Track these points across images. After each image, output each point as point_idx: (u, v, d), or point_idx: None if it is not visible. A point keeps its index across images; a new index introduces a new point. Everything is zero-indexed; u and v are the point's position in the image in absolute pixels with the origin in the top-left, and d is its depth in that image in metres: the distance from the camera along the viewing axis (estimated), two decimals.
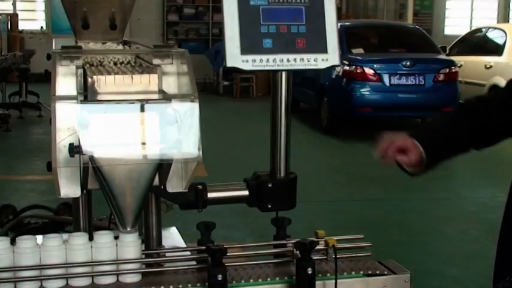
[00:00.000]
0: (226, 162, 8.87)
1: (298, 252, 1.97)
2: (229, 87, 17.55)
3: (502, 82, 11.76)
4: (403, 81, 11.19)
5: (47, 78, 1.96)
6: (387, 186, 8.28)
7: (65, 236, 1.96)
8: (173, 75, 2.02)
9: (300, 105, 13.64)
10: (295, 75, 2.23)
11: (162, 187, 2.02)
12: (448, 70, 11.40)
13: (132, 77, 1.86)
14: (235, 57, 2.03)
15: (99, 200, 2.25)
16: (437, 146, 2.17)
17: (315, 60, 2.09)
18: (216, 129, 11.17)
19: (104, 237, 1.94)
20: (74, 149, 1.75)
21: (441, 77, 11.30)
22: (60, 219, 3.80)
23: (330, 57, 2.10)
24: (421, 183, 8.48)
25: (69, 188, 1.91)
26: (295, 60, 2.08)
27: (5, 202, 4.27)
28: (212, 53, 17.39)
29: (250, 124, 12.27)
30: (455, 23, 20.85)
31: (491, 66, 12.34)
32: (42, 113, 13.01)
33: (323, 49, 2.09)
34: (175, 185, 2.03)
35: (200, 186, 2.14)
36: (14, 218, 3.89)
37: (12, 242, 1.92)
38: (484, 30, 13.71)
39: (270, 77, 2.20)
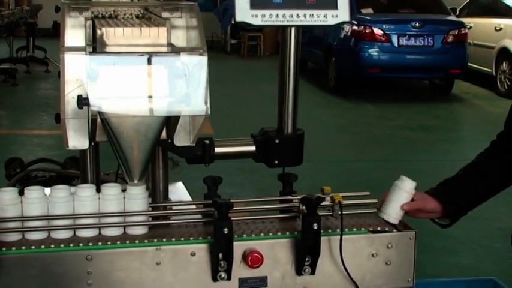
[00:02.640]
0: (233, 121, 8.87)
1: (304, 207, 1.97)
2: (237, 46, 17.47)
3: None
4: (412, 42, 11.12)
5: (55, 30, 1.96)
6: (393, 147, 8.28)
7: (73, 189, 1.97)
8: (182, 28, 2.01)
9: (307, 65, 13.59)
10: (302, 34, 2.21)
11: (170, 141, 2.03)
12: (457, 32, 11.32)
13: (141, 29, 1.85)
14: (244, 11, 2.01)
15: (106, 155, 2.26)
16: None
17: (324, 16, 2.07)
18: (223, 87, 11.15)
19: (111, 189, 1.95)
20: (82, 101, 1.75)
21: (450, 39, 11.22)
22: (68, 173, 3.81)
23: (340, 14, 2.08)
24: (428, 145, 8.50)
25: (77, 140, 1.91)
26: (304, 16, 2.06)
27: (12, 155, 4.28)
28: (220, 11, 17.11)
29: (258, 83, 12.24)
30: None
31: (501, 29, 12.23)
32: (49, 68, 12.99)
33: (333, 5, 2.07)
34: (182, 139, 2.03)
35: (207, 141, 2.14)
36: (21, 171, 3.91)
37: (20, 194, 1.93)
38: None
39: (278, 35, 2.17)
